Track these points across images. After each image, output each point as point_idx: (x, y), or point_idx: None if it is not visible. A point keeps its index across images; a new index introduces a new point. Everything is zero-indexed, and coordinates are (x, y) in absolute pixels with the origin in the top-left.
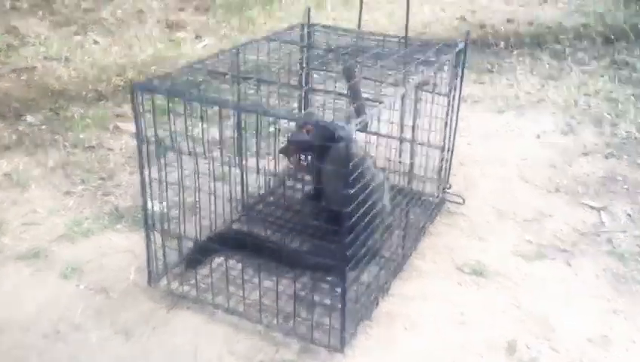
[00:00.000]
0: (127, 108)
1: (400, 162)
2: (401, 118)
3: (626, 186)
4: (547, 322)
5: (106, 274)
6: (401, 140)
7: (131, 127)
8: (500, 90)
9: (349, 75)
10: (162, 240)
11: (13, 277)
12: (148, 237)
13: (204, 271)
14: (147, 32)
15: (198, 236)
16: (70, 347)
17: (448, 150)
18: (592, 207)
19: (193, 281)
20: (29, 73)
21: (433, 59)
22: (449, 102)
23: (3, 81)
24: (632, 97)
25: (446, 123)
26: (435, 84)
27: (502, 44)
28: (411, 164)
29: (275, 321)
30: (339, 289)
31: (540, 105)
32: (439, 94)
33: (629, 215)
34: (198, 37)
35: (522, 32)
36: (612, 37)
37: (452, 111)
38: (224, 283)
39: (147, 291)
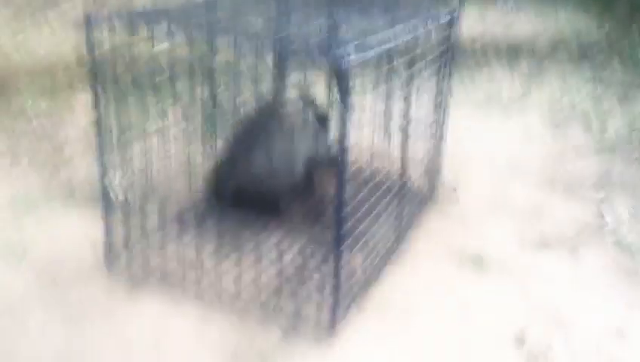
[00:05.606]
0: None
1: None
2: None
3: (623, 180)
4: (559, 313)
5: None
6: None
7: None
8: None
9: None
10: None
11: None
12: (105, 199)
13: (170, 252)
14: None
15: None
16: None
17: (440, 136)
18: (591, 201)
19: (160, 260)
20: None
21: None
22: (438, 73)
23: None
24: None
25: (436, 102)
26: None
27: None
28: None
29: (251, 308)
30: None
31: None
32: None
33: (632, 208)
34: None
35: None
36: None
37: (442, 84)
38: (194, 266)
39: (103, 272)
